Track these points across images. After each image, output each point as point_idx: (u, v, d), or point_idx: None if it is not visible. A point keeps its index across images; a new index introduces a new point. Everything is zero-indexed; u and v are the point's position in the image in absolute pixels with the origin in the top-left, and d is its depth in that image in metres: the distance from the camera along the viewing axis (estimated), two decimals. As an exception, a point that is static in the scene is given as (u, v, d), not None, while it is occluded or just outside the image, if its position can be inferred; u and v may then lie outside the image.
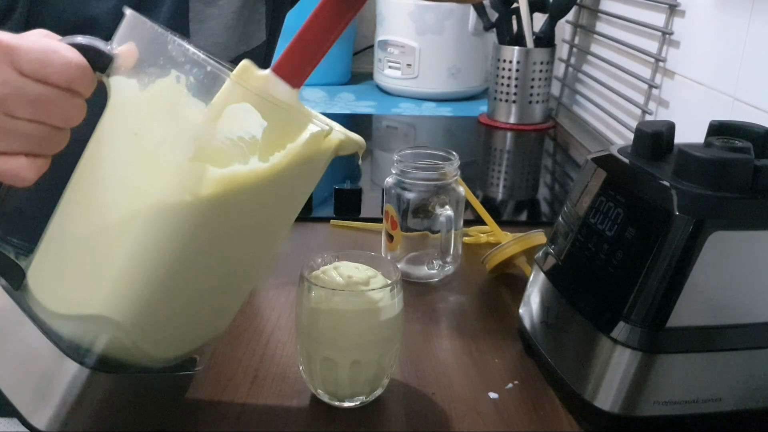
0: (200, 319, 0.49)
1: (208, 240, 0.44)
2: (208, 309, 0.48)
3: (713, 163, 0.47)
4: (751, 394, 0.51)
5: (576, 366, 0.53)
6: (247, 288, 0.52)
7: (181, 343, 0.49)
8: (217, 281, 0.47)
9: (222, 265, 0.46)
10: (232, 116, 0.42)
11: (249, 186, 0.43)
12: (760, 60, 0.79)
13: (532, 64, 1.33)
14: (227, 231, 0.44)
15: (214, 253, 0.45)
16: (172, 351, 0.48)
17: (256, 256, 0.49)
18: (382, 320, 0.52)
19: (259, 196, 0.44)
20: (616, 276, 0.50)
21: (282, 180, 0.44)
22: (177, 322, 0.47)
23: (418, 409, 0.55)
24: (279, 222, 0.49)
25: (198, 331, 0.49)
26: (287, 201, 0.48)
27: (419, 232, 0.74)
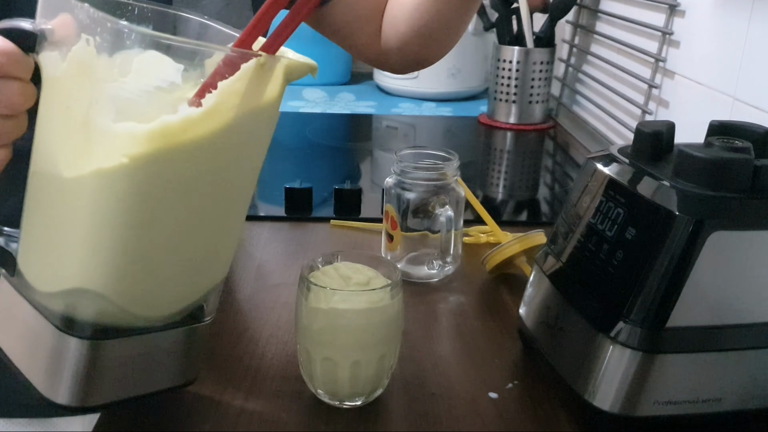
0: (186, 273, 0.48)
1: (160, 196, 0.43)
2: (191, 262, 0.48)
3: (713, 163, 0.47)
4: (751, 394, 0.51)
5: (576, 366, 0.53)
6: (230, 235, 0.51)
7: (175, 298, 0.48)
8: (189, 234, 0.46)
9: (188, 219, 0.45)
10: (141, 68, 0.41)
11: (185, 135, 0.41)
12: (760, 60, 0.79)
13: (532, 64, 1.33)
14: (180, 184, 0.43)
15: (173, 208, 0.44)
16: (168, 308, 0.48)
17: (227, 204, 0.48)
18: (382, 320, 0.52)
19: (201, 143, 0.42)
20: (616, 276, 0.50)
21: (225, 121, 0.43)
22: (159, 280, 0.46)
23: (418, 409, 0.55)
24: (241, 167, 0.48)
25: (189, 283, 0.49)
26: (242, 143, 0.46)
27: (419, 232, 0.74)
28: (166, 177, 0.42)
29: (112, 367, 0.46)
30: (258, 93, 0.44)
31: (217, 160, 0.44)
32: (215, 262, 0.50)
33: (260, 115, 0.46)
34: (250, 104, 0.44)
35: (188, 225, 0.46)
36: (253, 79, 0.43)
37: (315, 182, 0.93)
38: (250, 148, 0.47)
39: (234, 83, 0.42)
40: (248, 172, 0.49)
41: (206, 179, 0.45)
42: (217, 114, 0.42)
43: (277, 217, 0.89)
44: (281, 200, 0.92)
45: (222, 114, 0.42)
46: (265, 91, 0.45)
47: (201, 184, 0.44)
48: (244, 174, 0.48)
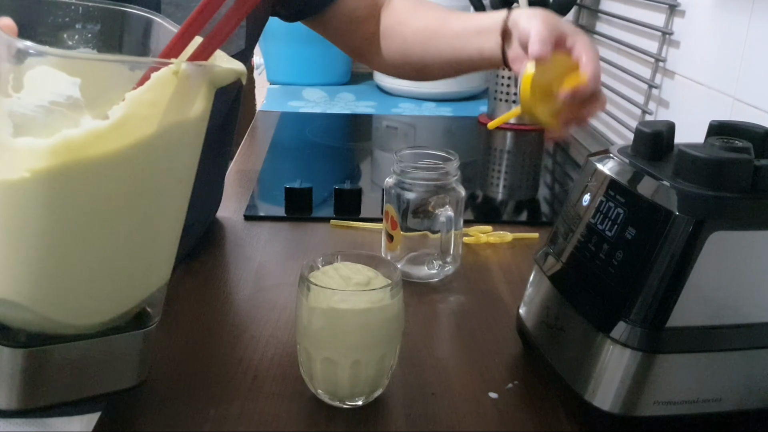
0: (113, 283, 0.47)
1: (72, 209, 0.42)
2: (116, 272, 0.46)
3: (713, 163, 0.47)
4: (751, 394, 0.51)
5: (576, 366, 0.53)
6: (161, 244, 0.49)
7: (105, 307, 0.48)
8: (109, 246, 0.45)
9: (106, 231, 0.44)
10: (33, 84, 0.40)
11: (94, 149, 0.40)
12: (760, 60, 0.79)
13: (532, 64, 1.32)
14: (94, 198, 0.42)
15: (88, 220, 0.43)
16: (99, 315, 0.47)
17: (152, 216, 0.46)
18: (382, 320, 0.52)
19: (114, 158, 0.41)
20: (616, 276, 0.50)
21: (140, 135, 0.41)
22: (82, 290, 0.45)
23: (418, 409, 0.55)
24: (164, 180, 0.46)
25: (118, 292, 0.48)
26: (164, 156, 0.44)
27: (419, 232, 0.74)
28: (77, 191, 0.41)
29: (50, 372, 0.46)
30: (176, 103, 0.42)
31: (136, 174, 0.43)
32: (147, 271, 0.49)
33: (182, 126, 0.44)
34: (168, 115, 0.42)
35: (107, 237, 0.44)
36: (167, 89, 0.41)
37: (315, 182, 0.93)
38: (174, 160, 0.45)
39: (144, 93, 0.41)
40: (174, 185, 0.47)
41: (124, 193, 0.43)
42: (128, 127, 0.40)
43: (277, 217, 0.89)
44: (281, 200, 0.92)
45: (134, 127, 0.41)
46: (186, 100, 0.43)
47: (119, 198, 0.43)
48: (169, 186, 0.46)
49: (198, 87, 0.43)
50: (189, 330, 0.64)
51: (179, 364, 0.59)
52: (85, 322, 0.47)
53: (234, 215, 0.90)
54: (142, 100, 0.41)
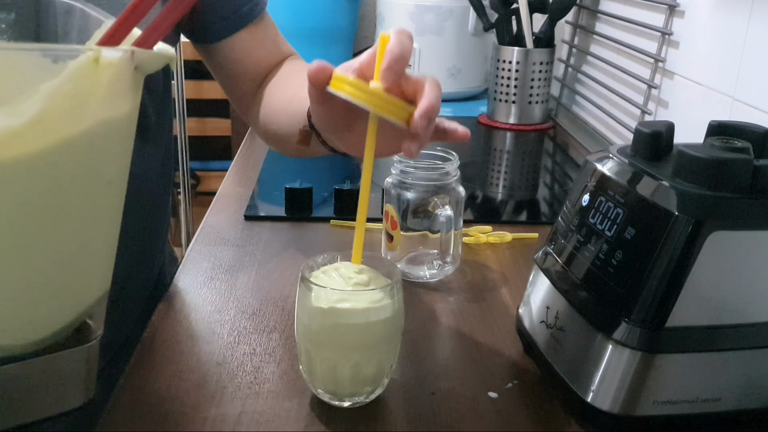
0: (52, 294, 0.42)
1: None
2: (55, 281, 0.42)
3: (713, 163, 0.47)
4: (751, 394, 0.51)
5: (576, 366, 0.53)
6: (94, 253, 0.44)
7: (46, 322, 0.43)
8: (44, 254, 0.40)
9: (39, 239, 0.39)
10: None
11: (8, 150, 0.35)
12: (760, 60, 0.79)
13: (531, 64, 1.33)
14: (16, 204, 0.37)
15: (14, 229, 0.38)
16: (35, 333, 0.42)
17: (79, 224, 0.42)
18: (383, 320, 0.52)
19: (32, 158, 0.36)
20: (616, 276, 0.50)
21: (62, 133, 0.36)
22: (19, 306, 0.40)
23: (418, 409, 0.55)
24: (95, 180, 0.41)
25: (59, 304, 0.43)
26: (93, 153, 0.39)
27: (419, 232, 0.74)
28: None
29: None
30: (100, 95, 0.38)
31: (59, 176, 0.38)
32: (82, 280, 0.44)
33: (109, 122, 0.40)
34: (92, 110, 0.38)
35: (32, 246, 0.39)
36: (88, 79, 0.36)
37: (315, 182, 0.93)
38: (102, 161, 0.41)
39: (62, 85, 0.36)
40: (104, 187, 0.42)
41: (48, 198, 0.38)
42: (47, 124, 0.36)
43: (277, 217, 0.89)
44: (281, 200, 0.92)
45: (54, 124, 0.36)
46: (111, 91, 0.38)
47: (42, 203, 0.38)
48: (98, 189, 0.42)
49: (123, 76, 0.38)
50: (189, 330, 0.64)
51: (179, 364, 0.59)
52: (18, 342, 0.42)
53: (234, 215, 0.90)
54: (61, 92, 0.36)
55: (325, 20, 1.54)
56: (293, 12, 1.50)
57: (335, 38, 1.59)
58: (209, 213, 0.91)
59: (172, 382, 0.57)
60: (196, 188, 2.85)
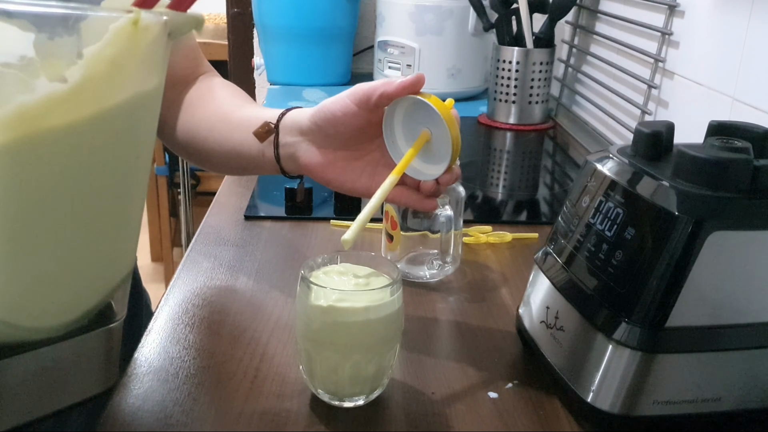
0: (76, 274, 0.42)
1: (31, 190, 0.36)
2: (80, 262, 0.41)
3: (713, 163, 0.47)
4: (751, 394, 0.51)
5: (576, 366, 0.53)
6: (123, 230, 0.44)
7: (70, 304, 0.42)
8: (70, 233, 0.40)
9: (75, 212, 0.39)
10: None
11: (51, 118, 0.35)
12: (760, 60, 0.79)
13: (531, 64, 1.33)
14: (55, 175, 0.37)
15: (52, 201, 0.38)
16: (62, 315, 0.42)
17: (114, 197, 0.41)
18: (382, 320, 0.52)
19: (73, 127, 0.36)
20: (616, 276, 0.50)
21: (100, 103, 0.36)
22: (44, 286, 0.40)
23: (418, 409, 0.55)
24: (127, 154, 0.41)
25: (82, 286, 0.43)
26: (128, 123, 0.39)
27: (419, 232, 0.74)
28: (34, 169, 0.36)
29: (11, 388, 0.40)
30: (134, 56, 0.37)
31: (97, 148, 0.38)
32: (111, 257, 0.44)
33: (142, 96, 0.39)
34: (130, 70, 0.37)
35: (69, 220, 0.39)
36: (127, 43, 0.36)
37: (315, 182, 0.93)
38: (134, 134, 0.41)
39: (103, 49, 0.35)
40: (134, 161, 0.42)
41: (86, 170, 0.38)
42: (88, 92, 0.35)
43: (277, 217, 0.89)
44: (281, 200, 0.92)
45: (94, 93, 0.36)
46: (147, 58, 0.38)
47: (80, 175, 0.38)
48: (129, 163, 0.42)
49: (159, 41, 0.38)
50: (189, 330, 0.64)
51: (179, 363, 0.59)
52: (50, 324, 0.41)
53: (234, 215, 0.90)
54: (102, 57, 0.35)
55: (325, 20, 1.54)
56: (293, 12, 1.50)
57: (335, 38, 1.59)
58: (209, 213, 0.91)
59: (171, 382, 0.57)
60: (196, 188, 2.85)
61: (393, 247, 0.76)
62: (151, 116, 0.42)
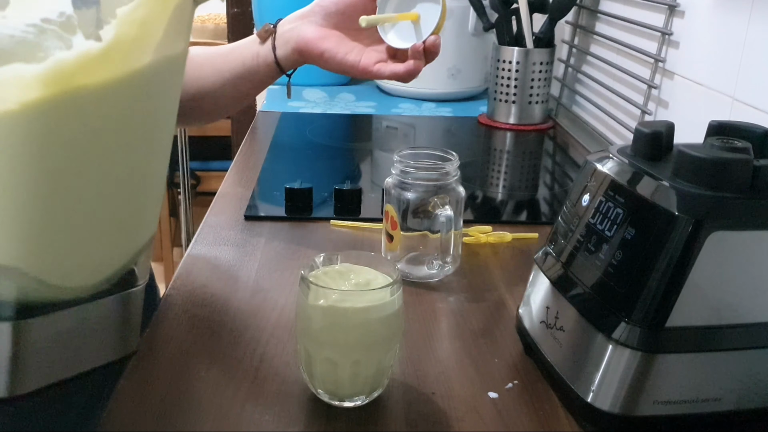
0: (107, 233, 0.43)
1: (65, 146, 0.38)
2: (110, 220, 0.43)
3: (713, 163, 0.47)
4: (751, 394, 0.51)
5: (575, 366, 0.53)
6: (150, 190, 0.46)
7: (100, 264, 0.44)
8: (103, 191, 0.41)
9: (100, 173, 0.40)
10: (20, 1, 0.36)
11: (85, 76, 0.36)
12: (760, 60, 0.79)
13: (531, 64, 1.33)
14: (87, 133, 0.38)
15: (82, 161, 0.39)
16: (93, 275, 0.44)
17: (143, 156, 0.43)
18: (382, 320, 0.52)
19: (104, 86, 0.37)
20: (616, 276, 0.50)
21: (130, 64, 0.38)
22: (78, 244, 0.42)
23: (418, 409, 0.55)
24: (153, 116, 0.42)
25: (111, 245, 0.44)
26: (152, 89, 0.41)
27: (419, 232, 0.74)
28: (68, 125, 0.37)
29: (40, 348, 0.42)
30: (165, 21, 0.38)
31: (125, 109, 0.40)
32: (138, 219, 0.45)
33: (168, 60, 0.41)
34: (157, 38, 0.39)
35: (98, 178, 0.41)
36: (157, 5, 0.38)
37: (315, 182, 0.93)
38: (160, 98, 0.42)
39: (135, 10, 0.37)
40: (160, 125, 0.44)
41: (114, 129, 0.40)
42: (119, 53, 0.37)
43: (277, 217, 0.89)
44: (281, 200, 0.92)
45: (125, 53, 0.37)
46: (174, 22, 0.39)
47: (109, 134, 0.40)
48: (155, 126, 0.43)
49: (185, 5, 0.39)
50: (189, 330, 0.64)
51: (179, 364, 0.59)
52: (81, 283, 0.43)
53: (234, 215, 0.90)
54: (134, 18, 0.37)
55: (325, 20, 1.54)
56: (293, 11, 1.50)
57: (335, 38, 1.59)
58: (209, 213, 0.91)
59: (171, 382, 0.57)
60: (196, 188, 2.85)
61: (393, 247, 0.76)
62: (177, 80, 0.44)
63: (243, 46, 0.79)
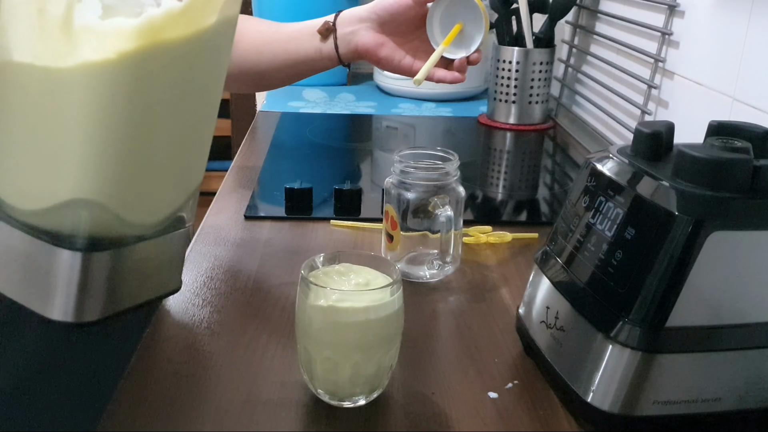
0: (170, 176, 0.49)
1: (150, 96, 0.43)
2: (177, 164, 0.49)
3: (712, 163, 0.47)
4: (751, 394, 0.51)
5: (575, 366, 0.53)
6: (205, 138, 0.51)
7: (161, 204, 0.49)
8: (174, 137, 0.47)
9: (174, 120, 0.46)
10: None
11: (169, 31, 0.42)
12: (760, 60, 0.79)
13: (531, 64, 1.33)
14: (167, 85, 0.44)
15: (160, 109, 0.44)
16: (155, 214, 0.49)
17: (203, 108, 0.49)
18: (382, 320, 0.52)
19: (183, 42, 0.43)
20: (616, 276, 0.50)
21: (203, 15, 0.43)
22: (148, 184, 0.47)
23: (418, 409, 0.55)
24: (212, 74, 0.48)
25: (172, 188, 0.50)
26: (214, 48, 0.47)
27: (419, 232, 0.74)
28: (155, 76, 0.43)
29: (105, 279, 0.46)
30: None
31: (196, 63, 0.45)
32: (194, 165, 0.51)
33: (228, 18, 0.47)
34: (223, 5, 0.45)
35: (174, 127, 0.46)
36: None
37: (315, 182, 0.93)
38: (219, 57, 0.48)
39: None
40: (215, 83, 0.49)
41: (187, 82, 0.45)
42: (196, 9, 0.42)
43: (277, 217, 0.89)
44: (281, 200, 0.92)
45: (199, 9, 0.43)
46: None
47: (183, 86, 0.45)
48: (213, 83, 0.49)
49: None
50: (189, 330, 0.64)
51: (179, 364, 0.59)
52: (148, 221, 0.48)
53: (234, 215, 0.90)
54: None
55: (325, 20, 1.54)
56: (293, 12, 1.50)
57: (335, 38, 1.59)
58: (209, 213, 0.91)
59: (171, 382, 0.57)
60: (196, 188, 2.84)
61: (393, 247, 0.76)
62: (230, 41, 0.49)
63: (302, 38, 0.84)
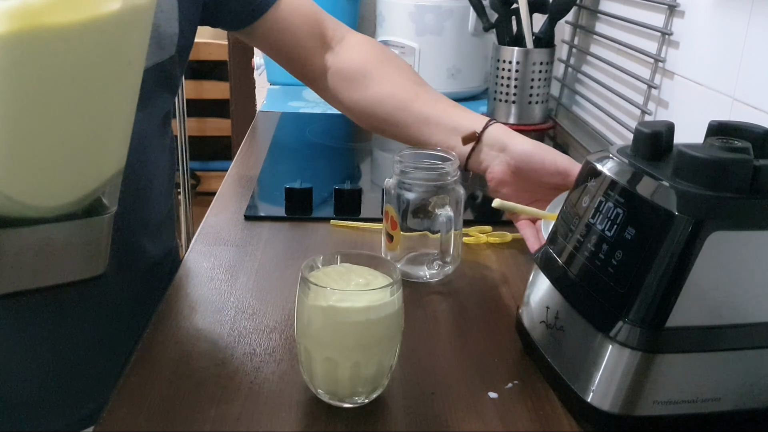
0: (71, 160, 0.48)
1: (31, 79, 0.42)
2: (74, 149, 0.47)
3: (712, 163, 0.47)
4: (751, 394, 0.51)
5: (575, 366, 0.53)
6: (115, 126, 0.50)
7: (64, 188, 0.48)
8: (72, 121, 0.46)
9: (73, 103, 0.45)
10: None
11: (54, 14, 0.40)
12: (760, 60, 0.79)
13: (531, 64, 1.33)
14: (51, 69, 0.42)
15: (49, 92, 0.43)
16: (58, 198, 0.48)
17: (107, 96, 0.47)
18: (382, 320, 0.52)
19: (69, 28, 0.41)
20: (616, 276, 0.50)
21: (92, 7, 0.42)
22: (45, 167, 0.46)
23: (418, 409, 0.55)
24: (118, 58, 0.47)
25: (76, 172, 0.48)
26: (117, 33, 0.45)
27: (419, 232, 0.74)
28: (34, 60, 0.41)
29: (9, 257, 0.46)
30: None
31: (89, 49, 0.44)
32: (101, 153, 0.50)
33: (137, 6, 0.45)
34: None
35: (64, 112, 0.45)
36: None
37: (315, 182, 0.93)
38: (126, 42, 0.46)
39: None
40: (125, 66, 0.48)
41: (78, 67, 0.44)
42: None
43: (277, 217, 0.89)
44: (281, 200, 0.92)
45: None
46: None
47: (73, 72, 0.44)
48: (120, 67, 0.47)
49: None
50: (189, 330, 0.64)
51: (179, 364, 0.59)
52: (46, 204, 0.47)
53: (234, 215, 0.90)
54: None
55: (325, 20, 1.54)
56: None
57: (335, 38, 1.59)
58: (209, 213, 0.91)
59: (172, 382, 0.57)
60: (196, 188, 2.85)
61: (393, 247, 0.76)
62: (144, 28, 0.48)
63: (440, 130, 0.83)
